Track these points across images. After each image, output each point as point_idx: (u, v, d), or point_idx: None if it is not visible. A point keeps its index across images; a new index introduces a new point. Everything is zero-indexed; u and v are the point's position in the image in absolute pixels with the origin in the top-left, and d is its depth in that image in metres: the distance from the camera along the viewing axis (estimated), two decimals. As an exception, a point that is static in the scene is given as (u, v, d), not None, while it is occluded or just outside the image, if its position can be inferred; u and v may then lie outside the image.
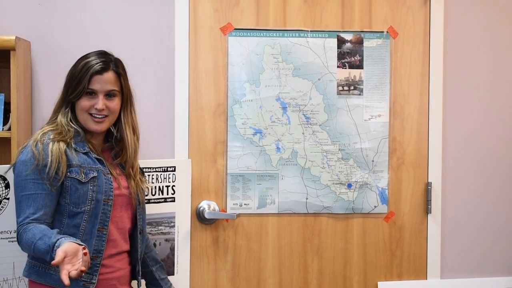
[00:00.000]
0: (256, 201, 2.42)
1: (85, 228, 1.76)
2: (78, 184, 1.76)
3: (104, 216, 1.79)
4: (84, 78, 1.79)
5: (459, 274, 2.52)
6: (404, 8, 2.47)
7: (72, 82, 1.82)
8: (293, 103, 2.42)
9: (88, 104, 1.81)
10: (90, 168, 1.79)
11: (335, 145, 2.44)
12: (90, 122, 1.83)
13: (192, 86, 2.39)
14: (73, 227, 1.76)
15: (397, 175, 2.48)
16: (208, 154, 2.41)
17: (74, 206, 1.76)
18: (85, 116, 1.83)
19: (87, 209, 1.76)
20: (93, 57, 1.83)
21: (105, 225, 1.79)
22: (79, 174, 1.76)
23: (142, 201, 1.95)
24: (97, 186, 1.78)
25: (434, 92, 2.48)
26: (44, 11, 2.34)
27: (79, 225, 1.76)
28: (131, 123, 1.93)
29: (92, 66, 1.80)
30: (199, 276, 2.42)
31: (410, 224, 2.50)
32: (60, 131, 1.80)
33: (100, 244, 1.78)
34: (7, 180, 2.01)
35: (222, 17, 2.40)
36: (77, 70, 1.82)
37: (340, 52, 2.44)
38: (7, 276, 2.01)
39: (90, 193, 1.77)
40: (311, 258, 2.47)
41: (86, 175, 1.77)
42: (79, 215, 1.76)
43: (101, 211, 1.78)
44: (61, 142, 1.77)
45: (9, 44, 2.11)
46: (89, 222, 1.77)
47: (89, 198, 1.77)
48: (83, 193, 1.76)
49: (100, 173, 1.80)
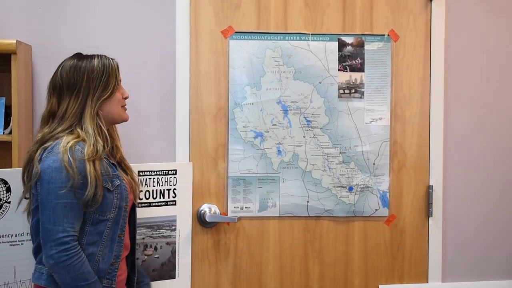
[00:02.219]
0: (257, 204, 2.42)
1: (107, 235, 1.77)
2: (107, 192, 1.76)
3: (123, 222, 1.82)
4: (116, 72, 1.83)
5: (460, 278, 2.52)
6: (405, 12, 2.47)
7: (99, 78, 1.79)
8: (294, 106, 2.42)
9: (120, 96, 1.86)
10: (113, 175, 1.80)
11: (336, 148, 2.44)
12: (123, 112, 1.89)
13: (193, 89, 2.39)
14: (96, 234, 1.76)
15: (398, 178, 2.48)
16: (209, 157, 2.41)
17: (100, 214, 1.76)
18: (119, 109, 1.87)
19: (111, 216, 1.77)
20: (104, 55, 1.86)
21: (123, 231, 1.83)
22: (107, 182, 1.76)
23: (137, 197, 1.99)
24: (120, 193, 1.80)
25: (435, 96, 2.48)
26: (45, 15, 2.34)
27: (102, 232, 1.76)
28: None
29: (113, 60, 1.85)
30: (200, 279, 2.42)
31: (411, 227, 2.49)
32: (92, 144, 1.74)
33: (119, 249, 1.81)
34: (8, 184, 2.00)
35: (223, 20, 2.40)
36: (96, 68, 1.80)
37: (341, 55, 2.44)
38: (8, 280, 2.01)
39: (115, 201, 1.78)
40: (312, 261, 2.47)
41: (112, 183, 1.78)
42: (103, 223, 1.76)
43: (121, 217, 1.81)
44: (97, 162, 1.73)
45: (10, 48, 2.11)
46: (111, 229, 1.78)
47: (114, 205, 1.78)
48: (109, 201, 1.77)
49: (121, 180, 1.82)
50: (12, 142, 2.14)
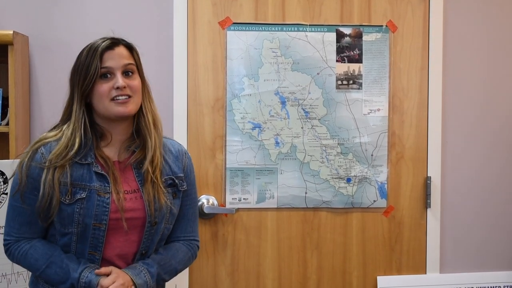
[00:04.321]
0: (255, 196, 2.42)
1: (75, 248, 1.58)
2: (62, 205, 1.54)
3: (96, 241, 1.57)
4: (95, 58, 1.52)
5: (458, 269, 2.52)
6: (404, 2, 2.46)
7: (79, 70, 1.55)
8: (292, 97, 2.42)
9: (107, 87, 1.54)
10: (81, 186, 1.55)
11: (334, 140, 2.44)
12: (113, 106, 1.54)
13: (190, 81, 2.39)
14: (64, 245, 1.59)
15: (396, 170, 2.48)
16: (207, 148, 2.40)
17: (61, 226, 1.57)
18: (107, 103, 1.54)
19: (75, 231, 1.56)
20: (98, 40, 1.59)
21: (98, 250, 1.58)
22: (64, 195, 1.53)
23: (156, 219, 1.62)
24: (84, 209, 1.54)
25: (433, 86, 2.47)
26: (42, 5, 2.33)
27: (69, 245, 1.58)
28: (151, 111, 1.66)
29: (99, 45, 1.55)
30: (198, 271, 2.42)
31: (410, 219, 2.49)
32: (65, 145, 1.55)
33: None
34: (5, 175, 2.00)
35: (220, 11, 2.40)
36: (82, 56, 1.56)
37: (339, 46, 2.43)
38: (6, 271, 2.01)
39: (76, 216, 1.54)
40: (310, 253, 2.47)
41: (72, 196, 1.54)
42: (67, 236, 1.57)
43: (91, 236, 1.56)
44: (59, 169, 1.53)
45: (7, 39, 2.10)
46: (79, 243, 1.58)
47: (76, 221, 1.55)
48: (67, 215, 1.54)
49: (93, 193, 1.55)
50: (9, 133, 2.14)
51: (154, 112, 1.67)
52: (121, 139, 1.64)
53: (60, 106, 1.66)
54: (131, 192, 1.61)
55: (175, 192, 1.69)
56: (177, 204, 1.70)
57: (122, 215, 1.57)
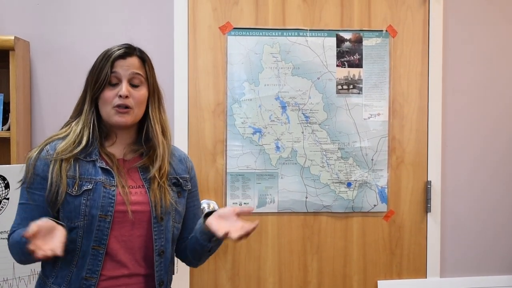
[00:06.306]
0: (255, 200, 2.43)
1: (81, 244, 1.58)
2: (69, 197, 1.56)
3: (101, 234, 1.58)
4: (106, 65, 1.60)
5: (458, 273, 2.52)
6: (403, 7, 2.47)
7: (93, 73, 1.63)
8: (293, 102, 2.42)
9: (112, 94, 1.61)
10: (87, 179, 1.59)
11: (335, 144, 2.44)
12: (113, 114, 1.61)
13: (191, 86, 2.39)
14: (70, 242, 1.56)
15: (396, 174, 2.48)
16: (208, 153, 2.41)
17: (68, 220, 1.57)
18: (109, 109, 1.61)
19: (81, 224, 1.57)
20: (116, 46, 1.65)
21: (102, 243, 1.58)
22: (71, 186, 1.57)
23: (162, 214, 1.64)
24: (91, 200, 1.57)
25: (433, 91, 2.48)
26: (43, 11, 2.34)
27: (75, 240, 1.57)
28: (160, 121, 1.69)
29: (114, 52, 1.62)
30: (199, 275, 2.42)
31: (410, 223, 2.50)
32: (72, 140, 1.61)
33: (95, 263, 1.58)
34: (6, 180, 2.00)
35: (221, 16, 2.40)
36: (97, 61, 1.63)
37: (339, 51, 2.44)
38: (7, 276, 2.01)
39: (83, 207, 1.57)
40: (311, 257, 2.47)
41: (79, 188, 1.57)
42: (74, 231, 1.57)
43: (96, 228, 1.57)
44: (65, 161, 1.58)
45: (8, 44, 2.11)
46: (84, 238, 1.58)
47: (82, 213, 1.57)
48: (74, 207, 1.57)
49: (99, 185, 1.59)
50: (10, 138, 2.14)
51: (163, 121, 1.71)
52: (125, 142, 1.69)
53: (61, 111, 1.69)
54: (136, 187, 1.65)
55: (180, 191, 1.73)
56: (182, 203, 1.72)
57: (128, 206, 1.60)
